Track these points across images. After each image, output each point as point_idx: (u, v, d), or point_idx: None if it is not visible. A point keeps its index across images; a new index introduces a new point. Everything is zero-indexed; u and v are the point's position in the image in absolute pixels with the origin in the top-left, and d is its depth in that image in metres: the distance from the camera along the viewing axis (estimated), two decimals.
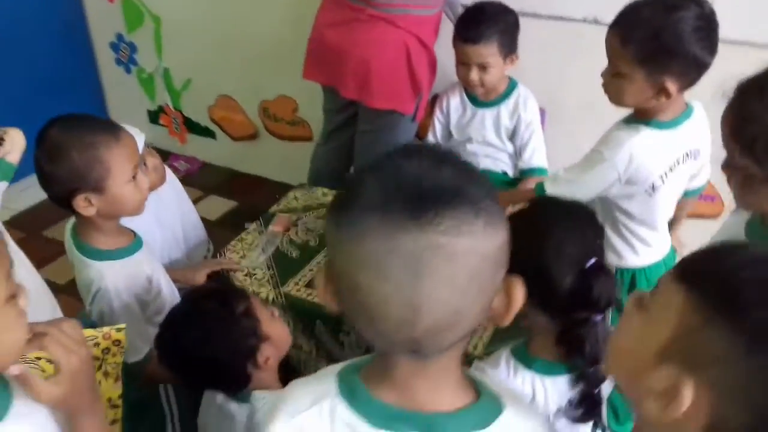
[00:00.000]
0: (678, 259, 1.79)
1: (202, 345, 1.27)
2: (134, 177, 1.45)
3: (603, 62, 1.55)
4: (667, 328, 0.67)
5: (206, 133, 3.42)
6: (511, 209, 1.40)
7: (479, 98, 2.26)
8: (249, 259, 1.85)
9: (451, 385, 0.76)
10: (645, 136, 1.53)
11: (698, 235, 1.82)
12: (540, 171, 2.23)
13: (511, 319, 0.74)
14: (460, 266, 0.65)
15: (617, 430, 1.53)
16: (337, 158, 2.58)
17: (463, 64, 2.16)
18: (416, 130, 2.41)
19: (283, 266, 1.82)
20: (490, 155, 2.29)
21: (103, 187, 1.40)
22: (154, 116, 3.53)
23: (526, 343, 1.18)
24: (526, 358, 1.15)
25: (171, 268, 1.70)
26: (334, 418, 0.74)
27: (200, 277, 1.76)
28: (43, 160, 1.39)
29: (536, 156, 2.23)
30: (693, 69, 1.45)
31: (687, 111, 1.57)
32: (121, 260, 1.50)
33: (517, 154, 2.28)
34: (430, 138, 2.39)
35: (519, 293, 0.73)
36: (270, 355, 1.31)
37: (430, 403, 0.74)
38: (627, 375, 0.74)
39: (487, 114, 2.26)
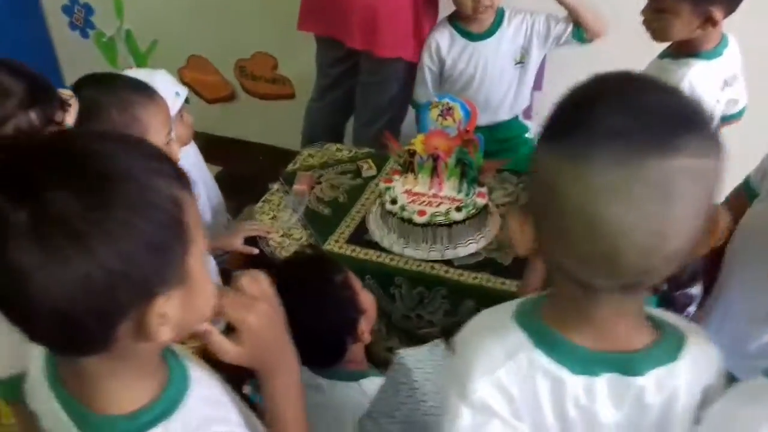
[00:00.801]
0: None
1: (306, 316, 1.16)
2: (167, 143, 1.41)
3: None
4: None
5: None
6: None
7: (474, 31, 2.13)
8: (281, 220, 1.78)
9: (642, 323, 0.75)
10: (698, 68, 1.54)
11: None
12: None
13: (711, 247, 0.73)
14: (705, 187, 0.65)
15: None
16: (334, 114, 2.50)
17: None
18: None
19: (318, 225, 1.77)
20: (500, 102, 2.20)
21: None
22: None
23: None
24: None
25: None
26: (534, 370, 0.72)
27: (237, 243, 1.68)
28: (78, 120, 1.30)
29: None
30: None
31: (724, 39, 1.60)
32: None
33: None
34: (420, 89, 2.25)
35: (723, 219, 0.71)
36: (365, 328, 1.25)
37: (627, 343, 0.73)
38: None
39: (489, 45, 2.13)
